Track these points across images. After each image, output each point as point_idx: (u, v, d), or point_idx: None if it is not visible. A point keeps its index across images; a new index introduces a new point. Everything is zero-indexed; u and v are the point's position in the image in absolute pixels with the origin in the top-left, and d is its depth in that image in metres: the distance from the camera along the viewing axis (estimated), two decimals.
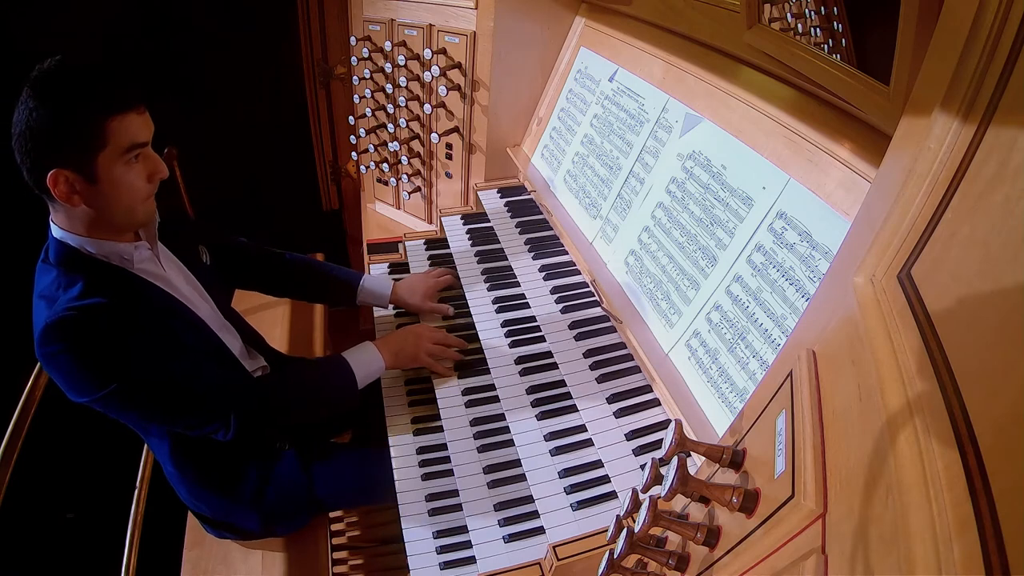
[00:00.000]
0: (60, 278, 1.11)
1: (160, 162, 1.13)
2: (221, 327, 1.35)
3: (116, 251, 1.16)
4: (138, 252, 1.19)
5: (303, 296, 1.76)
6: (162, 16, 2.12)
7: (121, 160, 1.06)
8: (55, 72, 1.02)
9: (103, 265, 1.15)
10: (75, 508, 2.21)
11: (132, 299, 1.15)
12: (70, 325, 1.06)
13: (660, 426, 1.20)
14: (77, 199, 1.06)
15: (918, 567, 0.37)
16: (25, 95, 1.02)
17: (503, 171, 1.91)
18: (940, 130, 0.58)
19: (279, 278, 1.63)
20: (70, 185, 1.05)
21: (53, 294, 1.10)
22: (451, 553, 1.20)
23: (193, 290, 1.32)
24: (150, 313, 1.17)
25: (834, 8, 1.01)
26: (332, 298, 1.69)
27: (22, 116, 1.02)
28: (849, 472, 0.52)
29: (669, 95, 1.40)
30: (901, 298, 0.57)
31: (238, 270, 1.57)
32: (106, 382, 1.10)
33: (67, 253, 1.12)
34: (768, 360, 1.02)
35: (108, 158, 1.05)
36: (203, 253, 1.41)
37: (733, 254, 1.14)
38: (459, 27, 1.77)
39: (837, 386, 0.61)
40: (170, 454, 1.33)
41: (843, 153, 0.98)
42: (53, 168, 1.02)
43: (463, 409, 1.39)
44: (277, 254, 1.62)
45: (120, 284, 1.16)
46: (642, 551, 0.70)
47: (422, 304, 1.60)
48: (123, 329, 1.10)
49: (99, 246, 1.14)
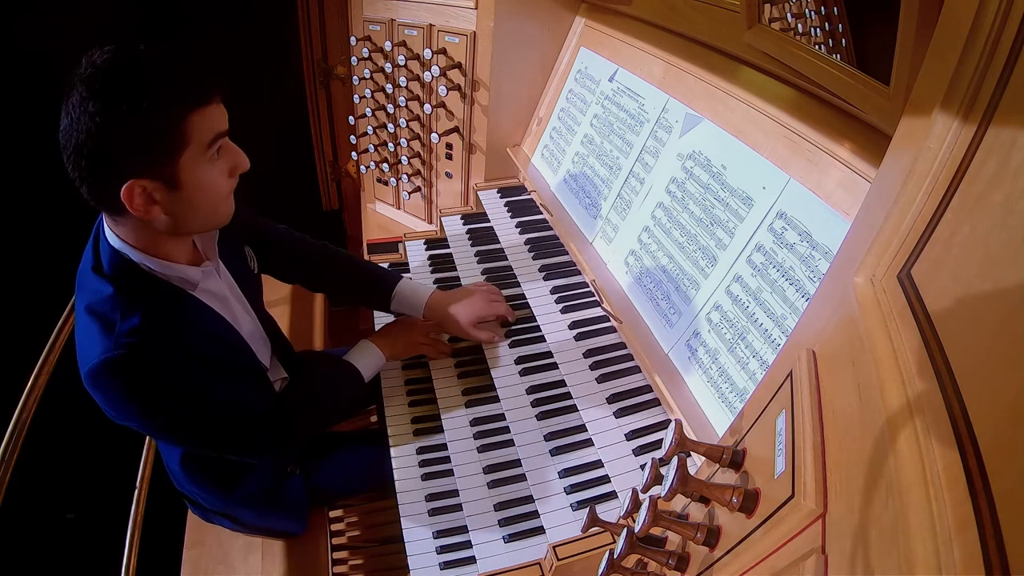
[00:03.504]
0: (117, 299, 0.99)
1: (241, 153, 1.02)
2: (259, 339, 1.31)
3: (181, 275, 1.06)
4: (204, 275, 1.10)
5: (339, 295, 1.69)
6: (162, 16, 2.12)
7: (204, 158, 0.95)
8: (119, 68, 0.87)
9: (164, 287, 1.04)
10: (75, 508, 2.21)
11: (190, 329, 1.07)
12: (130, 364, 0.97)
13: (660, 426, 1.20)
14: (157, 210, 0.94)
15: (918, 567, 0.37)
16: (79, 98, 0.85)
17: (503, 171, 1.91)
18: (940, 130, 0.58)
19: (319, 273, 1.52)
20: (148, 196, 0.92)
21: (109, 316, 0.98)
22: (451, 553, 1.20)
23: (239, 304, 1.25)
24: (205, 341, 1.10)
25: (834, 8, 1.01)
26: (368, 301, 1.57)
27: (79, 124, 0.86)
28: (849, 472, 0.52)
29: (669, 95, 1.40)
30: (901, 298, 0.57)
31: (280, 266, 1.49)
32: (153, 415, 1.04)
33: (126, 268, 1.01)
34: (768, 360, 1.02)
35: (191, 158, 0.93)
36: (251, 259, 1.33)
37: (733, 254, 1.14)
38: (459, 27, 1.77)
39: (837, 386, 0.61)
40: (180, 457, 1.33)
41: (843, 153, 0.98)
42: (129, 179, 0.89)
43: (463, 409, 1.39)
44: (318, 247, 1.51)
45: (180, 312, 1.07)
46: (642, 551, 0.70)
47: (467, 330, 1.42)
48: (180, 366, 1.03)
49: (164, 267, 1.03)
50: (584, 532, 0.83)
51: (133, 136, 0.87)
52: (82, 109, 0.85)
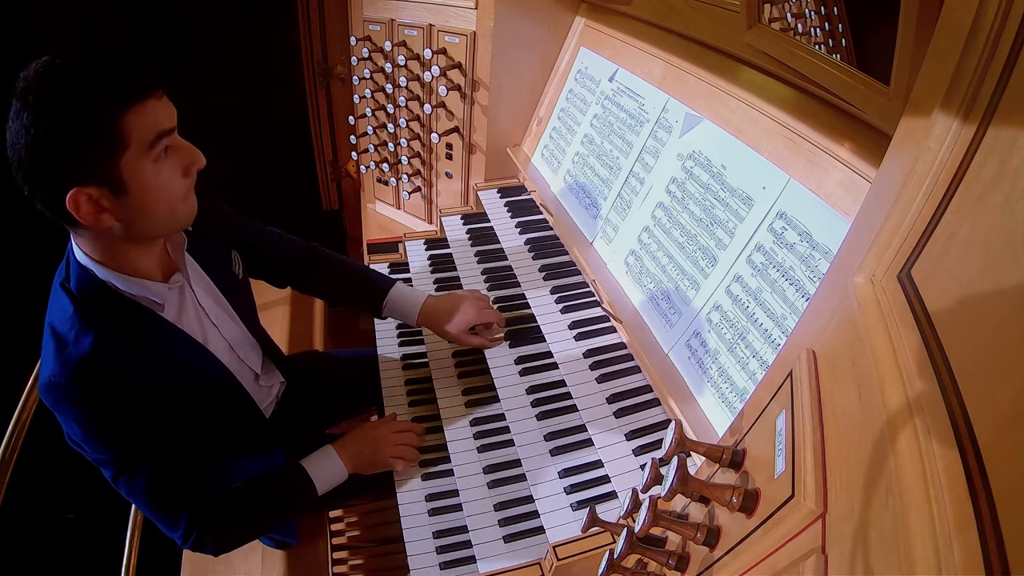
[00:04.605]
0: (75, 319, 0.97)
1: (193, 150, 0.97)
2: (247, 345, 1.28)
3: (147, 293, 1.02)
4: (171, 293, 1.06)
5: (333, 299, 1.64)
6: (161, 16, 2.12)
7: (149, 158, 0.90)
8: (45, 75, 0.84)
9: (128, 309, 1.01)
10: (75, 508, 2.21)
11: (150, 357, 1.03)
12: (70, 392, 0.96)
13: (660, 426, 1.20)
14: (107, 217, 0.91)
15: (918, 567, 0.37)
16: (16, 110, 0.84)
17: (503, 171, 1.91)
18: (940, 130, 0.58)
19: (310, 278, 1.49)
20: (95, 203, 0.89)
21: (64, 336, 0.96)
22: (451, 553, 1.20)
23: (222, 312, 1.20)
24: (167, 371, 1.06)
25: (834, 8, 1.01)
26: (361, 305, 1.54)
27: (18, 136, 0.84)
28: (849, 472, 0.52)
29: (669, 95, 1.40)
30: (901, 298, 0.57)
31: (269, 270, 1.45)
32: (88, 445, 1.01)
33: (91, 286, 0.98)
34: (768, 360, 1.02)
35: (133, 159, 0.89)
36: (235, 263, 1.28)
37: (733, 254, 1.14)
38: (459, 27, 1.77)
39: (837, 386, 0.61)
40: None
41: (843, 153, 0.98)
42: (71, 188, 0.86)
43: (463, 409, 1.39)
44: (309, 250, 1.48)
45: (141, 338, 1.02)
46: (642, 551, 0.70)
47: (458, 337, 1.42)
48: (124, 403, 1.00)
49: (129, 284, 1.00)
50: (584, 532, 0.83)
51: (66, 142, 0.84)
52: (19, 122, 0.83)
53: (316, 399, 1.55)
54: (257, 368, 1.32)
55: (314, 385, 1.55)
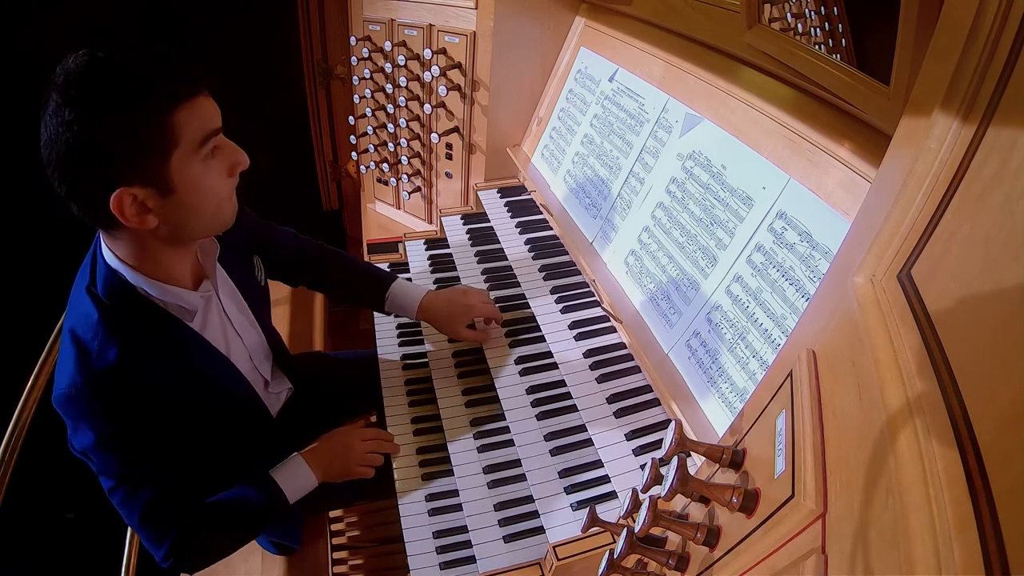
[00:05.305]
0: (101, 327, 0.93)
1: (239, 150, 0.95)
2: (262, 352, 1.27)
3: (179, 300, 0.99)
4: (203, 302, 1.04)
5: (339, 296, 1.66)
6: (161, 16, 2.12)
7: (198, 158, 0.88)
8: (90, 70, 0.80)
9: (157, 316, 0.99)
10: (75, 508, 2.21)
11: (176, 366, 1.01)
12: (93, 399, 0.93)
13: (660, 426, 1.20)
14: (151, 218, 0.87)
15: (918, 567, 0.37)
16: (55, 106, 0.80)
17: (503, 171, 1.91)
18: (940, 130, 0.58)
19: (320, 275, 1.49)
20: (140, 204, 0.85)
21: (87, 344, 0.93)
22: (451, 553, 1.20)
23: (245, 319, 1.19)
24: (191, 380, 1.04)
25: (834, 8, 1.01)
26: (364, 302, 1.55)
27: (57, 134, 0.80)
28: (849, 472, 0.52)
29: (669, 95, 1.40)
30: (901, 298, 0.57)
31: (285, 270, 1.45)
32: (95, 453, 0.99)
33: (120, 291, 0.95)
34: (768, 360, 1.02)
35: (182, 159, 0.86)
36: (259, 270, 1.26)
37: (733, 254, 1.14)
38: (459, 27, 1.77)
39: (837, 386, 0.61)
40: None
41: (843, 153, 0.98)
42: (115, 189, 0.82)
43: (463, 409, 1.39)
44: (317, 248, 1.48)
45: (168, 346, 1.00)
46: (642, 551, 0.70)
47: (456, 330, 1.43)
48: (143, 413, 0.97)
49: (162, 291, 0.97)
50: (584, 532, 0.83)
51: (115, 140, 0.81)
52: (59, 119, 0.79)
53: (319, 402, 1.55)
54: (268, 375, 1.32)
55: (317, 388, 1.55)
